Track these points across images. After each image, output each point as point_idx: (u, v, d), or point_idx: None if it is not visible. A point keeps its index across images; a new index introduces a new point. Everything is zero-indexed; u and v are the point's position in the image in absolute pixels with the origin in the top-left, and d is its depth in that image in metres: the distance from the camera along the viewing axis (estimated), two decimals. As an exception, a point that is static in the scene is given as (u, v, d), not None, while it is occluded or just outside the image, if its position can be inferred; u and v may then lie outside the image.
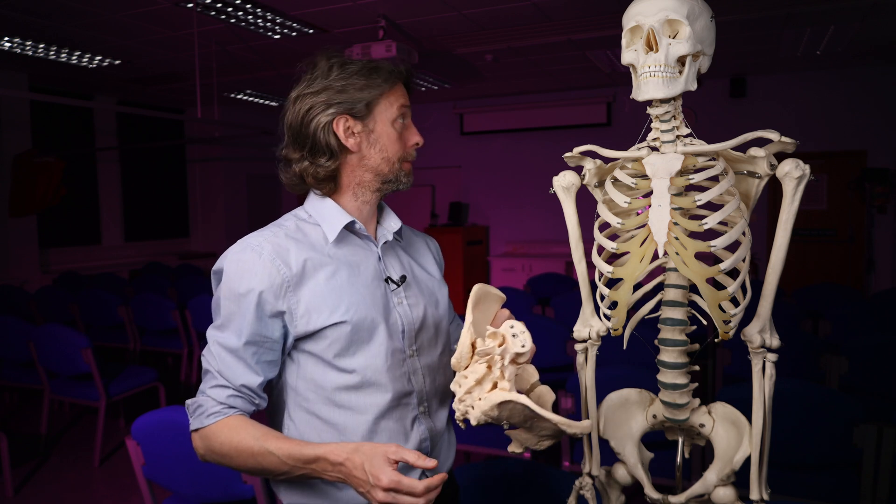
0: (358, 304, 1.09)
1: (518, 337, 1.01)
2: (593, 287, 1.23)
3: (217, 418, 1.04)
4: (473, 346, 1.01)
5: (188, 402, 1.09)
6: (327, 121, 1.10)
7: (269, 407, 1.18)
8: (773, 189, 6.01)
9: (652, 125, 1.12)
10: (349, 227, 1.15)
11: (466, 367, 1.01)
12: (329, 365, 1.09)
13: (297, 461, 0.98)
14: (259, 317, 1.05)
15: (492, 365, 1.00)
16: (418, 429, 1.16)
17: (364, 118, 1.12)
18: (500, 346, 1.00)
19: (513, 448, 1.12)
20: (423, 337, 1.18)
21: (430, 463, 0.92)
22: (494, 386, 0.99)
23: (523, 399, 0.95)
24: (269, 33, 5.03)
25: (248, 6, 4.39)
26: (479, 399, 0.97)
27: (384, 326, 1.11)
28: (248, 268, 1.05)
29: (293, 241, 1.10)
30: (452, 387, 1.01)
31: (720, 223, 1.07)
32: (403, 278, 1.17)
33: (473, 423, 0.98)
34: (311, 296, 1.07)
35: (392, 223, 1.22)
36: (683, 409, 1.17)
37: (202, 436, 1.05)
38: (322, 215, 1.14)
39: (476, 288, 1.08)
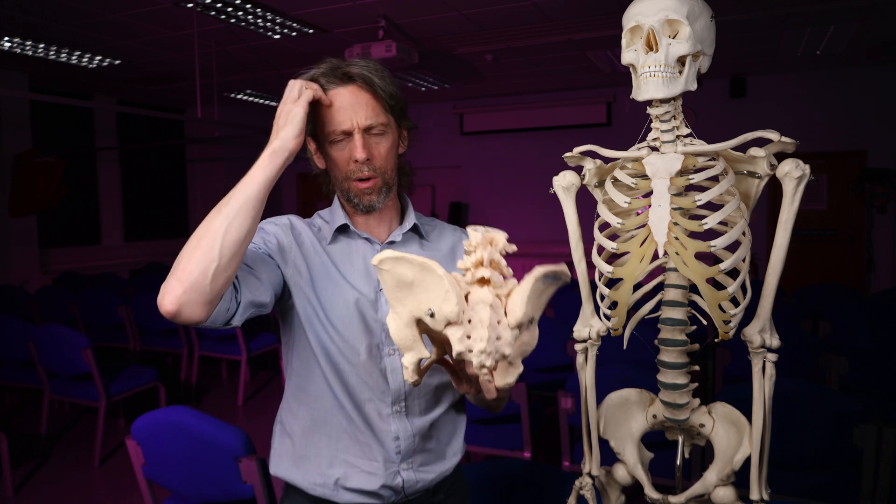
0: (336, 297, 1.15)
1: (489, 231, 0.84)
2: (593, 287, 1.23)
3: None
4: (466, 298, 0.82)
5: None
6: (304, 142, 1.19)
7: (287, 356, 1.24)
8: (773, 189, 6.01)
9: (652, 125, 1.12)
10: (348, 229, 1.20)
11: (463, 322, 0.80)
12: (307, 346, 1.16)
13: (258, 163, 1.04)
14: (266, 235, 1.15)
15: (489, 277, 0.82)
16: (392, 426, 1.16)
17: (315, 137, 1.18)
18: (484, 246, 0.82)
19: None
20: None
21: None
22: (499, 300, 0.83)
23: (540, 270, 0.81)
24: (269, 33, 5.03)
25: (248, 6, 4.39)
26: (500, 322, 0.81)
27: (360, 321, 1.15)
28: (274, 219, 1.20)
29: (310, 230, 1.21)
30: (459, 348, 0.80)
31: (720, 223, 1.07)
32: None
33: (509, 352, 0.81)
34: (300, 276, 1.15)
35: (407, 222, 1.24)
36: (683, 409, 1.17)
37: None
38: (332, 216, 1.23)
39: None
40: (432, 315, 0.81)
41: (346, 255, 1.19)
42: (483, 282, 0.83)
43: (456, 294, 0.79)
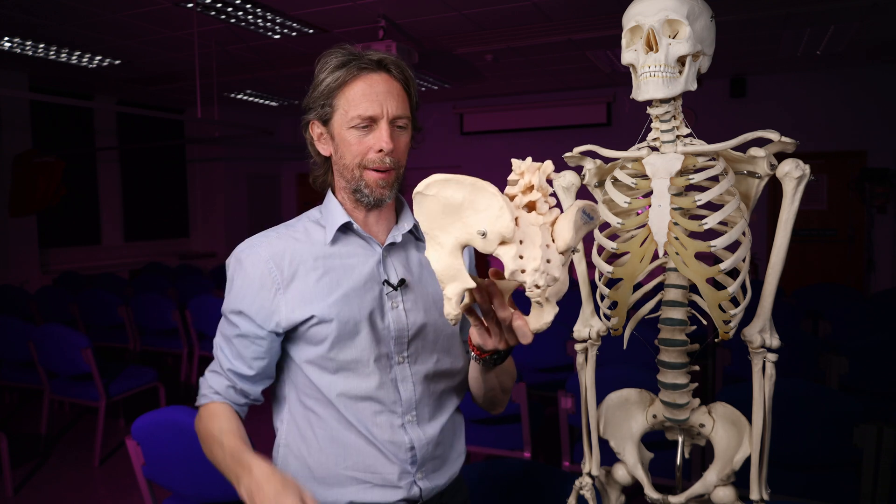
0: (342, 305, 1.09)
1: (534, 160, 0.83)
2: (593, 287, 1.23)
3: (204, 401, 1.15)
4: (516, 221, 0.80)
5: (200, 379, 1.19)
6: (305, 124, 1.15)
7: (276, 401, 1.21)
8: (773, 189, 6.01)
9: (652, 125, 1.12)
10: (348, 228, 1.15)
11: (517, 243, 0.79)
12: (315, 363, 1.11)
13: (234, 460, 1.00)
14: (251, 315, 1.10)
15: (535, 201, 0.81)
16: (405, 436, 1.13)
17: (329, 121, 1.12)
18: (532, 171, 0.81)
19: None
20: (418, 344, 1.14)
21: None
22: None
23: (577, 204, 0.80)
24: (269, 33, 5.03)
25: (248, 6, 4.39)
26: (549, 246, 0.79)
27: (369, 330, 1.10)
28: (245, 268, 1.12)
29: (294, 242, 1.13)
30: (513, 275, 0.79)
31: (720, 223, 1.07)
32: (402, 282, 1.13)
33: (558, 274, 0.81)
34: (298, 296, 1.09)
35: (405, 223, 1.18)
36: (683, 409, 1.17)
37: (197, 416, 1.15)
38: (327, 216, 1.16)
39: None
40: (484, 235, 0.78)
41: (346, 262, 1.12)
42: (531, 206, 0.82)
43: (510, 211, 0.77)
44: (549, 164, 0.82)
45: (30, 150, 6.36)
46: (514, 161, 0.82)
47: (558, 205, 0.84)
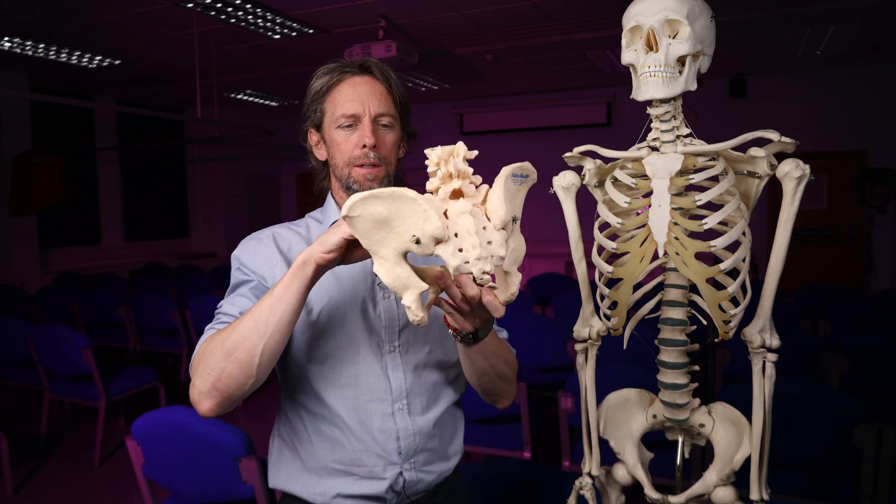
0: (334, 294, 1.14)
1: (446, 147, 0.84)
2: (593, 287, 1.23)
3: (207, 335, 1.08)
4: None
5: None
6: (304, 134, 1.22)
7: (279, 367, 1.22)
8: (773, 189, 6.01)
9: (652, 125, 1.11)
10: None
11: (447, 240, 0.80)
12: (305, 353, 1.14)
13: (288, 274, 0.97)
14: (256, 274, 1.14)
15: (461, 188, 0.82)
16: (393, 425, 1.15)
17: (321, 125, 1.19)
18: (446, 160, 0.83)
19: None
20: (409, 334, 1.17)
21: None
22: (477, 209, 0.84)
23: (506, 172, 0.83)
24: (269, 33, 5.04)
25: (248, 6, 4.39)
26: (486, 227, 0.81)
27: (360, 318, 1.14)
28: (248, 249, 1.17)
29: (295, 234, 1.20)
30: (451, 260, 0.80)
31: (720, 223, 1.07)
32: None
33: (503, 253, 0.81)
34: None
35: None
36: (683, 409, 1.17)
37: (203, 344, 1.05)
38: (325, 214, 1.24)
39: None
40: (418, 241, 0.79)
41: None
42: (456, 194, 0.83)
43: (435, 210, 0.79)
44: (460, 147, 0.84)
45: (30, 150, 6.37)
46: (427, 152, 0.84)
47: (487, 180, 0.85)
